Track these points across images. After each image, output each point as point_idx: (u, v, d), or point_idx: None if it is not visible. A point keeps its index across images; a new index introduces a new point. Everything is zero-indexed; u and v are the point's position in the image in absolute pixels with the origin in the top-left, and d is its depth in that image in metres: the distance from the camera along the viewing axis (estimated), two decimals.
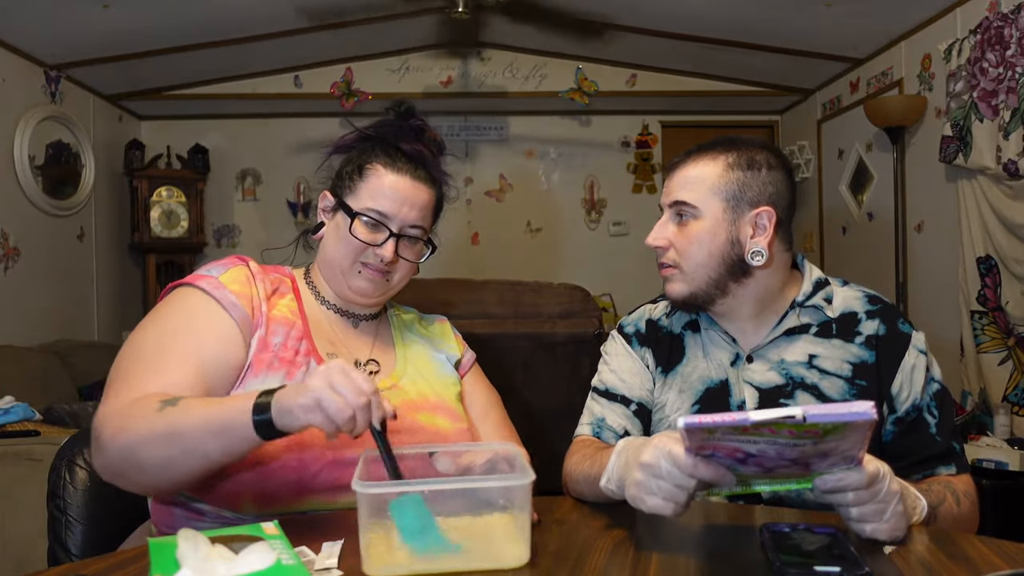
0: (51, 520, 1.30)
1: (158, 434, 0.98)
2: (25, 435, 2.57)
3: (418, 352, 1.36)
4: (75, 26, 3.72)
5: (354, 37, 4.52)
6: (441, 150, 1.34)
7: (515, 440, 1.35)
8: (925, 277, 3.79)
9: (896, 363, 1.22)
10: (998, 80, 3.06)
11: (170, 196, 4.99)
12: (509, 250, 5.52)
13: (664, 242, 1.26)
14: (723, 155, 1.23)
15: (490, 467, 1.04)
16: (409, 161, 1.27)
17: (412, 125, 1.31)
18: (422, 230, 1.27)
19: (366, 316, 1.33)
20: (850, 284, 1.32)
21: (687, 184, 1.24)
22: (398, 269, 1.27)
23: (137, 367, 1.10)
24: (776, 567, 0.84)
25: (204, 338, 1.14)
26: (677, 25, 4.28)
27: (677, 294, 1.26)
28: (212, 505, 1.11)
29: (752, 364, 1.26)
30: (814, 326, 1.26)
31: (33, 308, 3.95)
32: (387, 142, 1.29)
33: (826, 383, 1.22)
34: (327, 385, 0.91)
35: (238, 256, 1.26)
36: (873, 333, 1.24)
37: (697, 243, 1.22)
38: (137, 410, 1.01)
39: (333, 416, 0.90)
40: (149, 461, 0.99)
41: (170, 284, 1.23)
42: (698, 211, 1.22)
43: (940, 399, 1.23)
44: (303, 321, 1.24)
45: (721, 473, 0.88)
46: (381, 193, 1.24)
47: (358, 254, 1.24)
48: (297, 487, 1.10)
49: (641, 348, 1.35)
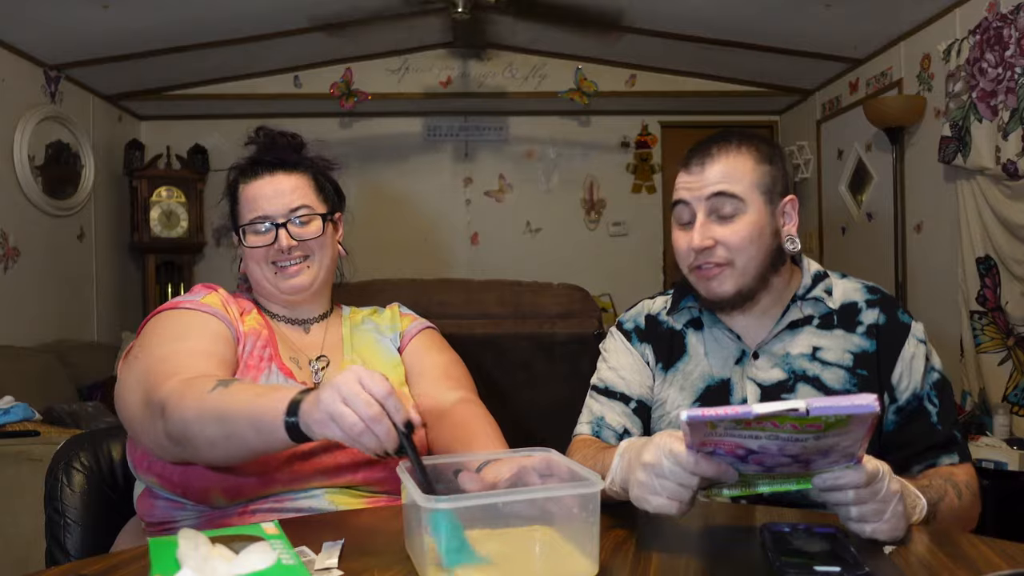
0: (49, 522, 1.32)
1: (207, 415, 1.00)
2: (25, 435, 2.57)
3: (365, 341, 1.39)
4: (75, 26, 3.72)
5: (354, 37, 4.52)
6: (299, 147, 1.40)
7: (465, 391, 1.34)
8: (924, 277, 3.79)
9: (896, 352, 1.23)
10: (997, 80, 3.06)
11: (170, 196, 4.99)
12: (509, 250, 5.53)
13: (711, 242, 1.21)
14: (747, 148, 1.23)
15: (517, 481, 0.97)
16: (265, 165, 1.34)
17: (264, 140, 1.39)
18: (307, 208, 1.32)
19: (316, 318, 1.38)
20: (848, 276, 1.32)
21: (728, 177, 1.20)
22: (312, 251, 1.32)
23: (161, 369, 1.12)
24: (776, 567, 0.84)
25: (208, 338, 1.21)
26: (676, 25, 4.28)
27: (725, 292, 1.22)
28: (187, 499, 1.16)
29: (757, 360, 1.26)
30: (816, 318, 1.26)
31: (33, 308, 3.94)
32: (245, 164, 1.37)
33: (828, 374, 1.23)
34: (338, 398, 0.87)
35: (205, 285, 1.33)
36: (874, 322, 1.24)
37: (748, 238, 1.20)
38: (194, 387, 1.04)
39: (347, 431, 0.87)
40: (198, 439, 1.01)
41: (153, 312, 1.28)
42: (744, 205, 1.21)
43: (940, 388, 1.23)
44: (269, 330, 1.31)
45: (723, 469, 0.88)
46: (252, 201, 1.32)
47: (267, 260, 1.31)
48: (262, 480, 1.16)
49: (641, 344, 1.35)
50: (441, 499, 0.79)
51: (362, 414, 0.86)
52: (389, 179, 5.46)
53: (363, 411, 0.86)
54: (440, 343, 1.44)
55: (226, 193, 1.38)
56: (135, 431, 1.14)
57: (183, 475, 1.14)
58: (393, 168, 5.46)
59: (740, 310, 1.26)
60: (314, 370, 1.31)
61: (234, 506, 1.16)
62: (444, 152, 5.58)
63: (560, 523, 0.88)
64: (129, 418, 1.15)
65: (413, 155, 5.52)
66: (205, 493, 1.15)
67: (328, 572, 0.86)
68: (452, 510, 0.81)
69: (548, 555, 0.87)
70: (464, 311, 2.32)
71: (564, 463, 0.95)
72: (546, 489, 0.88)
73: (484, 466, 1.01)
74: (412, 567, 0.89)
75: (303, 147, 1.41)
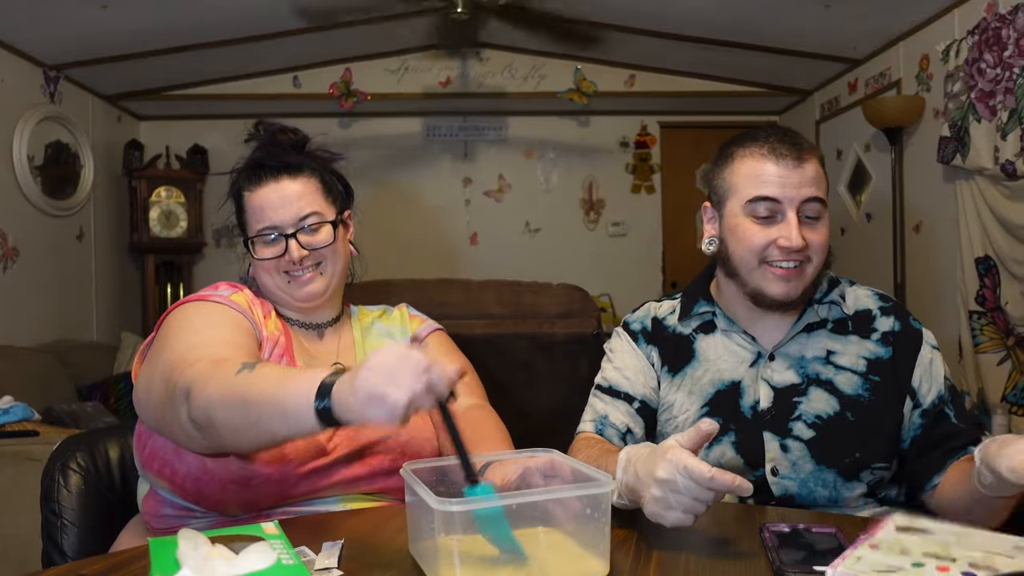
0: (45, 523, 1.30)
1: (232, 399, 0.96)
2: (24, 435, 2.57)
3: (377, 346, 1.37)
4: (74, 26, 3.72)
5: (353, 38, 4.52)
6: (302, 144, 1.35)
7: (476, 398, 1.35)
8: (923, 277, 3.80)
9: (913, 358, 1.25)
10: (996, 81, 3.06)
11: (169, 196, 4.99)
12: (508, 250, 5.53)
13: (804, 243, 1.19)
14: (816, 152, 1.23)
15: (522, 483, 0.96)
16: (269, 171, 1.30)
17: (264, 138, 1.33)
18: (316, 215, 1.28)
19: (328, 323, 1.36)
20: (857, 283, 1.34)
21: (817, 181, 1.20)
22: (324, 258, 1.29)
23: (187, 357, 1.09)
24: (776, 567, 0.84)
25: (232, 329, 1.18)
26: (675, 25, 4.28)
27: (796, 293, 1.21)
28: (199, 506, 1.14)
29: (773, 362, 1.26)
30: (830, 322, 1.27)
31: (32, 308, 3.94)
32: (247, 168, 1.32)
33: (841, 378, 1.24)
34: (378, 376, 0.82)
35: (231, 284, 1.30)
36: (889, 330, 1.26)
37: (827, 242, 1.23)
38: (220, 370, 1.00)
39: (391, 409, 0.81)
40: (222, 425, 0.98)
41: (178, 302, 1.24)
42: (826, 211, 1.22)
43: (952, 392, 1.27)
44: (286, 336, 1.29)
45: (739, 483, 0.88)
46: (259, 211, 1.28)
47: (278, 270, 1.28)
48: (278, 494, 1.14)
49: (647, 346, 1.35)
50: (454, 502, 0.79)
51: (407, 389, 0.81)
52: (388, 179, 5.46)
53: (408, 386, 0.81)
54: (449, 346, 1.44)
55: (230, 197, 1.35)
56: (160, 424, 1.11)
57: (196, 483, 1.11)
58: (392, 168, 5.46)
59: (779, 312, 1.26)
60: None
61: (247, 515, 1.14)
62: (443, 152, 5.59)
63: (570, 523, 0.88)
64: (152, 410, 1.12)
65: (412, 155, 5.53)
66: (220, 503, 1.13)
67: (328, 572, 0.86)
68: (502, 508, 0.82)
69: (559, 555, 0.87)
70: (464, 311, 2.32)
71: (567, 464, 0.95)
72: (560, 490, 0.88)
73: (487, 467, 1.01)
74: (412, 567, 0.89)
75: (306, 143, 1.36)
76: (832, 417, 1.22)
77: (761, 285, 1.21)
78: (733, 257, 1.24)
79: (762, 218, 1.20)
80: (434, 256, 5.45)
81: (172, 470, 1.13)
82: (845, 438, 1.19)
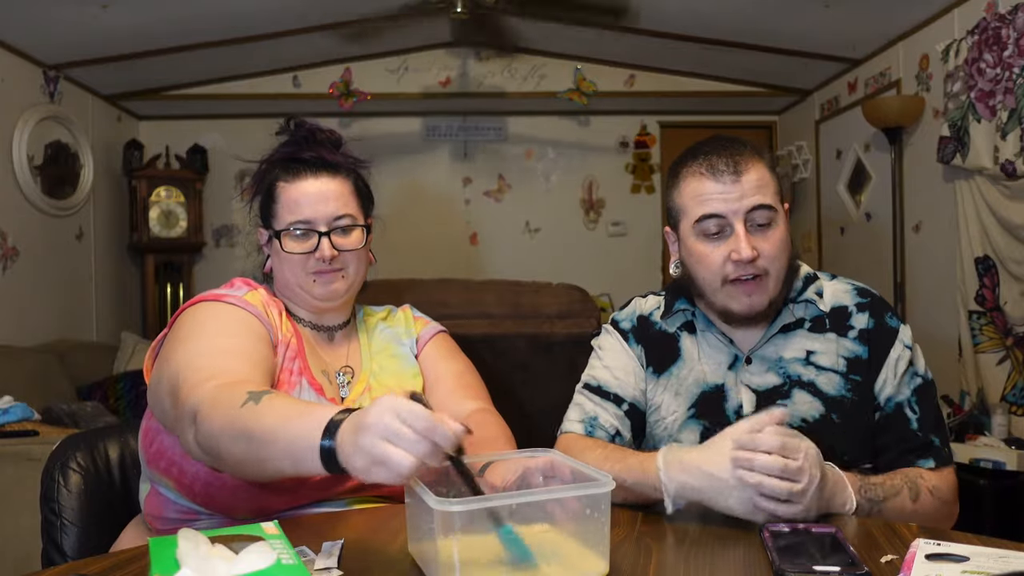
0: (45, 523, 1.30)
1: (236, 432, 0.94)
2: (24, 435, 2.57)
3: (384, 350, 1.38)
4: (74, 26, 3.72)
5: (353, 37, 4.52)
6: (338, 144, 1.36)
7: (480, 401, 1.35)
8: (923, 277, 3.80)
9: (883, 358, 1.22)
10: (995, 81, 3.06)
11: (169, 196, 4.98)
12: (508, 250, 5.52)
13: (756, 253, 1.17)
14: (760, 155, 1.21)
15: (522, 483, 0.97)
16: (309, 165, 1.30)
17: (302, 133, 1.34)
18: (350, 217, 1.29)
19: (339, 326, 1.35)
20: (839, 278, 1.31)
21: (761, 188, 1.18)
22: (349, 262, 1.29)
23: (195, 369, 1.08)
24: (776, 567, 0.84)
25: (246, 337, 1.17)
26: (675, 25, 4.28)
27: (762, 305, 1.20)
28: (208, 510, 1.14)
29: (751, 366, 1.25)
30: (807, 321, 1.26)
31: (32, 308, 3.94)
32: (284, 160, 1.32)
33: (822, 379, 1.22)
34: (381, 439, 0.79)
35: (246, 280, 1.29)
36: (864, 327, 1.24)
37: (782, 247, 1.19)
38: (225, 398, 0.98)
39: (397, 472, 0.79)
40: (227, 457, 0.97)
41: (193, 300, 1.23)
42: (778, 215, 1.20)
43: (922, 393, 1.23)
44: (297, 338, 1.28)
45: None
46: (294, 204, 1.27)
47: (304, 267, 1.27)
48: (291, 500, 1.14)
49: (637, 345, 1.33)
50: (454, 502, 0.79)
51: (413, 452, 0.79)
52: (388, 179, 5.46)
53: (413, 449, 0.79)
54: (453, 348, 1.43)
55: (257, 189, 1.33)
56: (171, 429, 1.12)
57: (206, 487, 1.11)
58: (392, 168, 5.45)
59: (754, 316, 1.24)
60: (341, 383, 1.29)
61: (255, 519, 1.14)
62: (443, 152, 5.58)
63: (570, 523, 0.88)
64: (162, 415, 1.12)
65: (412, 155, 5.52)
66: (231, 508, 1.12)
67: (328, 572, 0.86)
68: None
69: (560, 555, 0.87)
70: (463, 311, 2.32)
71: (567, 464, 0.95)
72: (560, 490, 0.88)
73: (487, 468, 1.01)
74: (411, 567, 0.89)
75: (341, 144, 1.36)
76: (818, 420, 1.21)
77: (726, 303, 1.21)
78: (697, 279, 1.24)
79: (713, 235, 1.20)
80: (434, 256, 5.44)
81: (180, 470, 1.13)
82: (833, 441, 1.16)
